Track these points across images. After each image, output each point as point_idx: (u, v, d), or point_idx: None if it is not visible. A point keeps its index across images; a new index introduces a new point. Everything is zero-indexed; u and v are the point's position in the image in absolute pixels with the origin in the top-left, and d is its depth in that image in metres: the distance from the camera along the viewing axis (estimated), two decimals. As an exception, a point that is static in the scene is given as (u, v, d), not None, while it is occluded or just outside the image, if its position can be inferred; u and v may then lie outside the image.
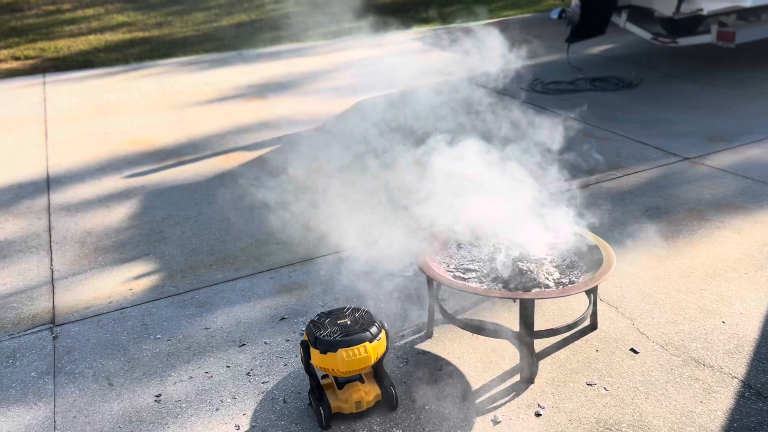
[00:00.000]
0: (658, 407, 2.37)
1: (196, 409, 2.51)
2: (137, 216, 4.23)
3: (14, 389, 2.69)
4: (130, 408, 2.54)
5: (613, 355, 2.67)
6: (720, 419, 2.30)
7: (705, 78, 6.53)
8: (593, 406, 2.41)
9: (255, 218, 4.07)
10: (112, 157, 5.27)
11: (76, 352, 2.90)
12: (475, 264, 2.78)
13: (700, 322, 2.85)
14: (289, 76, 7.54)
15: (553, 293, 2.55)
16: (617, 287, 3.13)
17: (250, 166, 4.95)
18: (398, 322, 2.95)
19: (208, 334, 2.97)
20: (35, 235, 4.03)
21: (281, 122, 5.88)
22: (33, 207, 4.42)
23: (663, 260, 3.36)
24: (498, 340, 2.78)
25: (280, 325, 3.01)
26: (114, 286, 3.42)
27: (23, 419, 2.51)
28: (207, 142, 5.50)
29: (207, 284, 3.39)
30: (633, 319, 2.89)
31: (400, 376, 2.62)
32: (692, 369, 2.56)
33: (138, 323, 3.08)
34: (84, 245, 3.87)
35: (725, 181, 4.24)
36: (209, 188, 4.58)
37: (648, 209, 3.91)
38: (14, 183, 4.83)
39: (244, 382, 2.64)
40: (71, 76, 8.04)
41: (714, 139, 4.96)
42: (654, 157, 4.70)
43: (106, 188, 4.68)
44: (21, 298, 3.36)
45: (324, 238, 3.66)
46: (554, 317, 2.94)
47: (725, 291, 3.06)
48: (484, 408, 2.44)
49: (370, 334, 2.33)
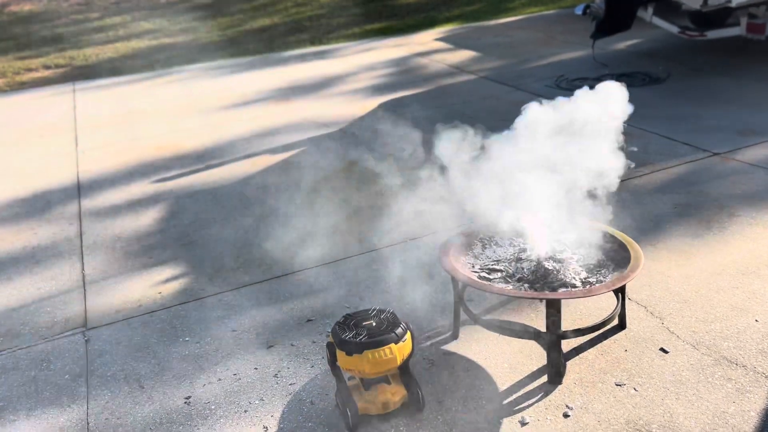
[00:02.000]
0: (689, 408, 2.34)
1: (225, 410, 2.54)
2: (165, 220, 4.29)
3: (48, 392, 2.75)
4: (160, 410, 2.58)
5: (642, 355, 2.64)
6: (753, 420, 2.25)
7: (734, 72, 6.40)
8: (622, 406, 2.38)
9: (280, 221, 4.10)
10: (140, 162, 5.36)
11: (107, 355, 2.96)
12: (500, 264, 2.76)
13: (731, 320, 2.79)
14: (313, 78, 7.58)
15: (580, 293, 2.53)
16: (646, 286, 3.08)
17: (276, 169, 4.99)
18: (424, 324, 2.94)
19: (235, 336, 3.00)
20: (67, 240, 4.12)
21: (306, 125, 5.91)
22: (64, 213, 4.51)
23: (693, 258, 3.30)
24: (525, 340, 2.76)
25: (306, 326, 3.03)
26: (143, 289, 3.48)
27: (57, 421, 2.57)
28: (233, 146, 5.56)
29: (234, 287, 3.42)
30: (662, 318, 2.85)
31: (426, 377, 2.62)
32: (724, 369, 2.52)
33: (167, 326, 3.13)
34: (114, 250, 3.94)
35: (756, 176, 4.15)
36: (236, 192, 4.63)
37: (677, 206, 3.85)
38: (46, 190, 4.94)
39: (272, 384, 2.66)
40: (100, 83, 8.19)
41: (745, 133, 4.86)
42: (683, 152, 4.63)
43: (134, 193, 4.76)
44: (54, 302, 3.44)
45: (348, 240, 3.68)
46: (582, 317, 2.91)
47: (758, 288, 3.00)
48: (512, 409, 2.42)
49: (396, 335, 2.33)
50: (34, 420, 2.59)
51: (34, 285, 3.63)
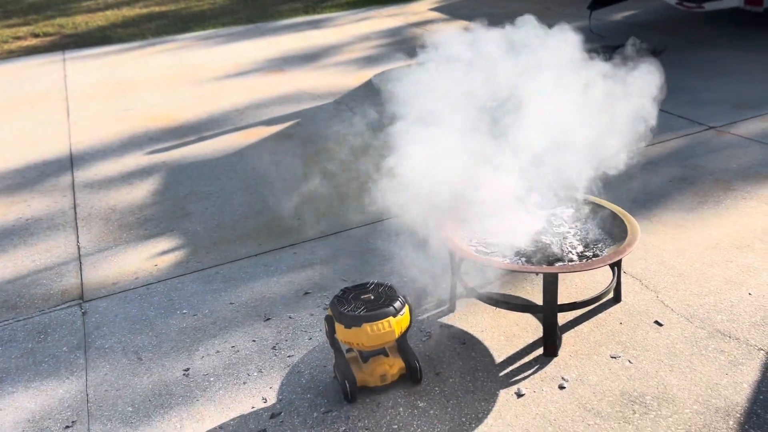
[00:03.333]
0: (682, 379, 2.37)
1: (224, 382, 2.56)
2: (160, 192, 4.27)
3: (47, 363, 2.76)
4: (159, 382, 2.59)
5: (637, 328, 2.67)
6: (746, 391, 2.29)
7: (732, 44, 6.37)
8: (617, 378, 2.41)
9: (276, 193, 4.09)
10: (133, 133, 5.31)
11: (105, 327, 2.96)
12: (497, 238, 2.76)
13: (725, 294, 2.82)
14: (306, 48, 7.49)
15: (576, 267, 2.54)
16: (641, 259, 3.11)
17: (271, 141, 4.95)
18: (421, 297, 2.96)
19: (233, 309, 3.01)
20: (61, 212, 4.09)
21: (300, 96, 5.86)
22: (58, 185, 4.48)
23: (688, 231, 3.33)
24: (521, 313, 2.79)
25: (304, 299, 3.04)
26: (139, 262, 3.47)
27: (57, 392, 2.58)
28: (227, 118, 5.51)
29: (231, 260, 3.42)
30: (657, 292, 2.88)
31: (423, 349, 2.64)
32: (717, 341, 2.55)
33: (164, 298, 3.13)
34: (109, 222, 3.92)
35: (752, 150, 4.16)
36: (230, 164, 4.60)
37: (672, 180, 3.86)
38: (39, 161, 4.89)
39: (270, 356, 2.68)
40: (90, 52, 8.07)
41: (741, 107, 4.86)
42: (679, 126, 4.62)
43: (128, 165, 4.72)
44: (50, 274, 3.43)
45: (346, 212, 3.67)
46: (578, 290, 2.94)
47: (751, 262, 3.03)
48: (508, 381, 2.45)
49: (394, 308, 2.34)
50: (33, 391, 2.60)
51: (29, 257, 3.61)
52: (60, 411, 2.48)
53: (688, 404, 2.26)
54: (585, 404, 2.30)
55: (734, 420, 2.18)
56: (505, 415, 2.29)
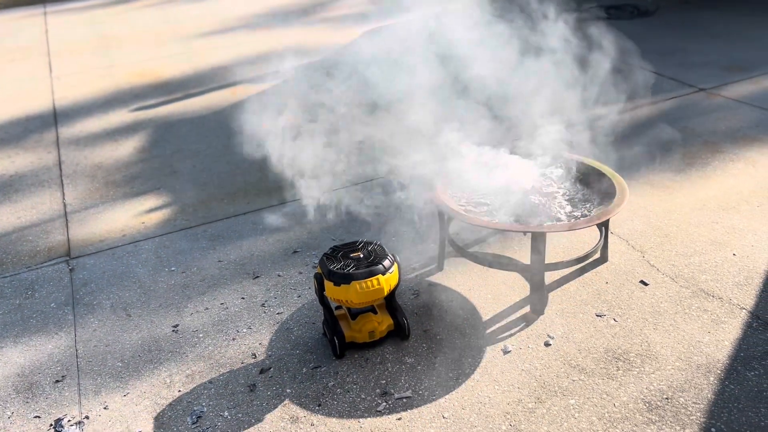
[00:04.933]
0: (666, 337, 2.41)
1: (213, 339, 2.57)
2: (146, 150, 4.22)
3: (35, 319, 2.76)
4: (148, 338, 2.60)
5: (622, 287, 2.70)
6: (727, 349, 2.34)
7: (723, 5, 6.32)
8: (602, 336, 2.45)
9: (264, 152, 4.05)
10: (118, 90, 5.22)
11: (92, 284, 2.95)
12: (486, 198, 2.77)
13: (710, 254, 2.86)
14: (295, 4, 7.34)
15: (564, 226, 2.56)
16: (628, 220, 3.13)
17: (258, 98, 4.89)
18: (409, 256, 2.97)
19: (221, 267, 3.01)
20: (46, 168, 4.04)
21: (288, 53, 5.76)
22: (42, 141, 4.41)
23: (675, 193, 3.35)
24: (508, 272, 2.81)
25: (292, 258, 3.04)
26: (126, 219, 3.45)
27: (46, 348, 2.59)
28: (213, 75, 5.42)
29: (219, 218, 3.41)
30: (643, 252, 2.91)
31: (411, 307, 2.66)
32: (701, 300, 2.59)
33: (152, 256, 3.12)
34: (95, 179, 3.88)
35: (741, 112, 4.16)
36: (218, 121, 4.55)
37: (661, 141, 3.86)
38: (22, 116, 4.81)
39: (259, 313, 2.69)
40: (72, 6, 7.86)
41: (731, 69, 4.84)
42: (669, 88, 4.61)
43: (113, 122, 4.65)
44: (36, 231, 3.40)
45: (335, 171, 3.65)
46: (565, 250, 2.96)
47: (737, 223, 3.06)
48: (495, 338, 2.48)
49: (383, 267, 2.35)
50: (22, 347, 2.60)
51: (14, 214, 3.58)
52: (49, 366, 2.49)
53: (670, 361, 2.30)
54: (570, 361, 2.34)
55: (715, 376, 2.22)
56: (492, 371, 2.33)
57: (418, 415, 2.16)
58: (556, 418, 2.11)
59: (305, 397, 2.26)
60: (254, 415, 2.21)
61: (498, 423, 2.11)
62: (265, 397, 2.27)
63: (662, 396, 2.16)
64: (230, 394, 2.30)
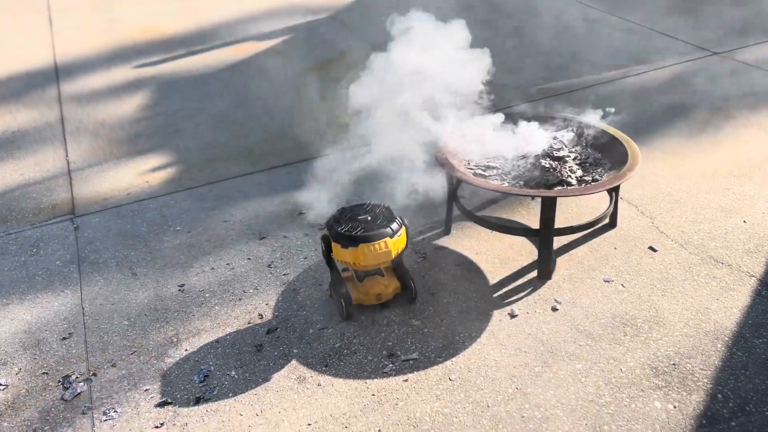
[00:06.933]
0: (674, 304, 2.40)
1: (220, 298, 2.57)
2: (150, 108, 4.16)
3: (40, 276, 2.75)
4: (154, 297, 2.60)
5: (631, 253, 2.68)
6: (735, 316, 2.33)
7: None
8: (609, 301, 2.44)
9: (270, 112, 4.00)
10: (120, 46, 5.13)
11: (98, 242, 2.94)
12: (496, 161, 2.73)
13: (720, 221, 2.83)
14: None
15: (575, 191, 2.52)
16: (638, 186, 3.09)
17: (262, 56, 4.80)
18: (417, 219, 2.95)
19: (227, 227, 2.99)
20: (48, 125, 3.99)
21: (293, 10, 5.65)
22: (44, 97, 4.35)
23: (686, 158, 3.30)
24: (516, 237, 2.79)
25: (299, 219, 3.02)
26: (131, 178, 3.42)
27: (52, 305, 2.59)
28: (217, 32, 5.32)
29: (224, 178, 3.37)
30: (653, 218, 2.88)
31: (418, 270, 2.65)
32: (710, 267, 2.57)
33: (157, 215, 3.10)
34: (98, 137, 3.84)
35: (755, 77, 4.09)
36: (222, 80, 4.48)
37: (673, 106, 3.80)
38: (23, 72, 4.73)
39: (266, 274, 2.68)
40: (72, -42, 7.68)
41: (747, 32, 4.74)
42: (682, 51, 4.52)
43: (116, 78, 4.58)
44: (40, 188, 3.37)
45: (342, 133, 3.60)
46: (574, 215, 2.93)
47: (748, 190, 3.03)
48: (502, 302, 2.48)
49: (391, 229, 2.33)
50: (28, 304, 2.60)
51: (17, 171, 3.54)
52: (56, 323, 2.49)
53: (678, 327, 2.30)
54: (577, 326, 2.34)
55: (722, 343, 2.22)
56: (498, 334, 2.32)
57: (424, 377, 2.17)
58: (563, 382, 2.12)
59: (312, 357, 2.27)
60: (261, 374, 2.21)
61: (504, 386, 2.12)
62: (272, 357, 2.28)
63: (669, 362, 2.16)
64: (237, 353, 2.30)
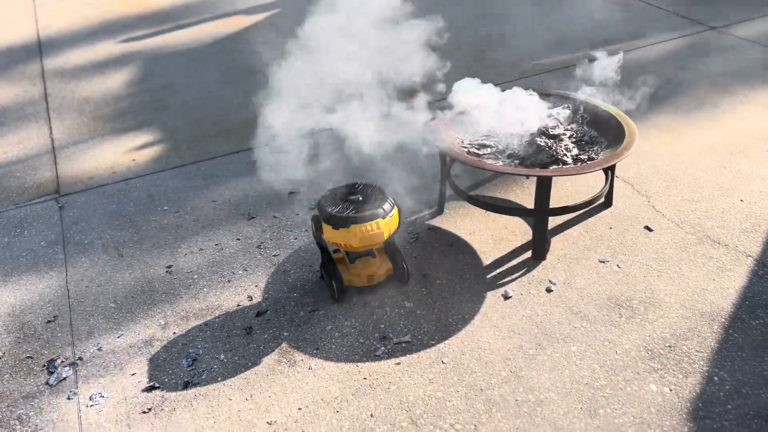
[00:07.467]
0: (670, 284, 2.37)
1: (208, 280, 2.52)
2: (136, 83, 4.06)
3: (25, 258, 2.69)
4: (141, 278, 2.54)
5: (626, 233, 2.64)
6: (732, 296, 2.30)
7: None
8: (605, 282, 2.41)
9: (259, 88, 3.91)
10: (104, 20, 5.00)
11: (83, 222, 2.87)
12: (490, 140, 2.67)
13: (717, 200, 2.79)
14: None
15: (570, 170, 2.47)
16: (634, 164, 3.04)
17: (252, 31, 4.69)
18: (409, 199, 2.89)
19: (216, 207, 2.93)
20: (31, 102, 3.89)
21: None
22: (26, 72, 4.24)
23: (682, 136, 3.25)
24: (510, 216, 2.74)
25: (288, 199, 2.96)
26: (116, 156, 3.34)
27: (36, 287, 2.53)
28: (204, 5, 5.19)
29: (212, 156, 3.30)
30: (649, 197, 2.84)
31: (411, 251, 2.61)
32: (707, 247, 2.54)
33: (144, 194, 3.03)
34: (82, 113, 3.75)
35: (753, 52, 4.02)
36: (209, 55, 4.37)
37: (669, 82, 3.74)
38: (4, 46, 4.61)
39: (255, 255, 2.63)
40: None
41: (745, 6, 4.66)
42: (678, 26, 4.44)
43: (100, 53, 4.46)
44: (23, 167, 3.29)
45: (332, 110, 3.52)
46: (569, 194, 2.89)
47: (745, 168, 2.99)
48: (495, 283, 2.44)
49: (383, 210, 2.28)
50: (12, 285, 2.54)
51: (0, 148, 3.46)
52: (41, 306, 2.44)
53: (674, 308, 2.27)
54: (572, 307, 2.31)
55: (719, 324, 2.19)
56: (492, 316, 2.29)
57: (417, 359, 2.13)
58: (557, 365, 2.09)
59: (302, 340, 2.23)
60: (251, 358, 2.17)
61: (498, 369, 2.09)
62: (261, 340, 2.23)
63: (665, 344, 2.13)
64: (226, 336, 2.26)
